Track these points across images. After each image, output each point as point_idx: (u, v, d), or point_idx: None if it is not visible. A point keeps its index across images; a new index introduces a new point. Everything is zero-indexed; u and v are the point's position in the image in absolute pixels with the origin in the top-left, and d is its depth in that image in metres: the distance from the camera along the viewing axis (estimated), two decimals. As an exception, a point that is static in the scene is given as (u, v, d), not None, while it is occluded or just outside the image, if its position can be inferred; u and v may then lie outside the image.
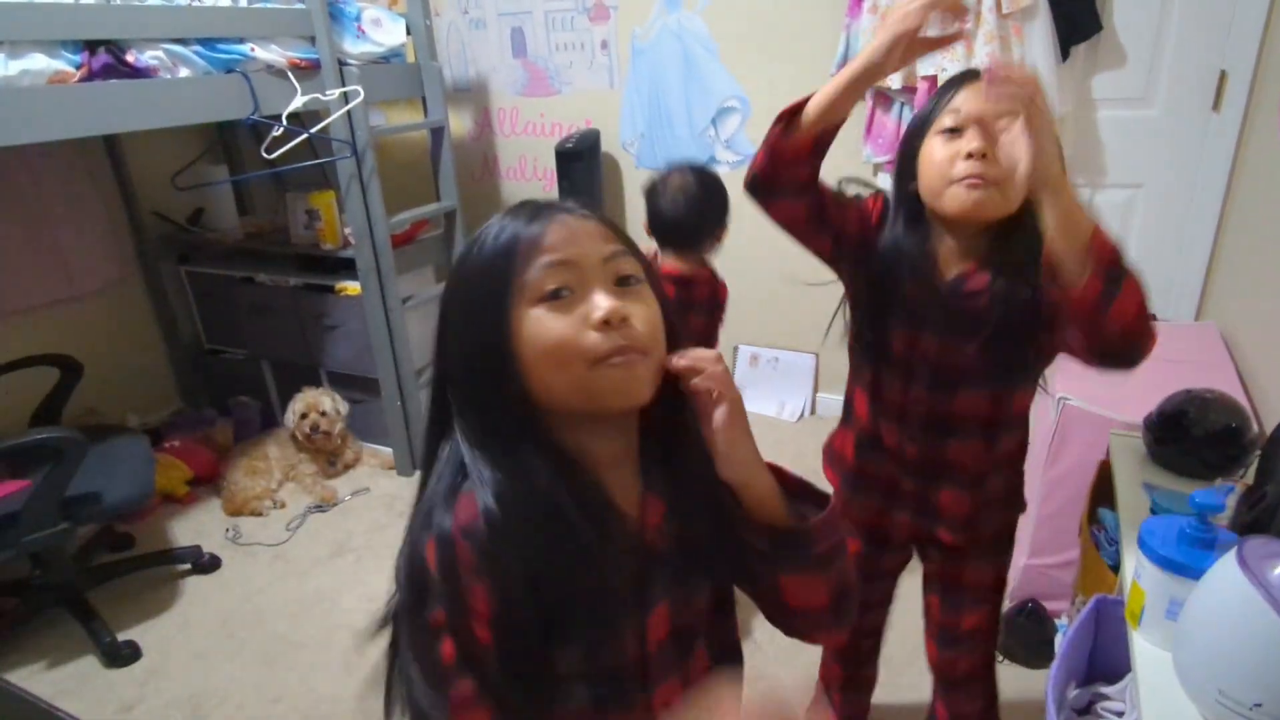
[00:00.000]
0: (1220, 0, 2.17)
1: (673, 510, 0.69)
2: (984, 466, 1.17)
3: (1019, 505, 1.27)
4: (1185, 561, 0.91)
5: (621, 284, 0.65)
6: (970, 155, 1.01)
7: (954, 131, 1.04)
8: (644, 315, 0.64)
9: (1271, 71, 2.07)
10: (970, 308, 1.07)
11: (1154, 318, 0.95)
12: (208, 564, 2.40)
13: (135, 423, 3.05)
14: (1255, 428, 1.32)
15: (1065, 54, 2.29)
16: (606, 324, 0.61)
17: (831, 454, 1.34)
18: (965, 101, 1.04)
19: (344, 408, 2.82)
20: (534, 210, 0.66)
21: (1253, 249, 2.06)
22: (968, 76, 1.07)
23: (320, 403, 2.77)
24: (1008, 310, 1.05)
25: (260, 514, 2.68)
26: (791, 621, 0.76)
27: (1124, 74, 2.33)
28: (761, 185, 1.07)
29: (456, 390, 0.67)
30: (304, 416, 2.76)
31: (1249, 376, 1.81)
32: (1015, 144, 0.90)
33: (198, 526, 2.63)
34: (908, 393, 1.16)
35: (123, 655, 2.04)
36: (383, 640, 0.70)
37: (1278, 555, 0.79)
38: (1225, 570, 0.82)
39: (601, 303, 0.62)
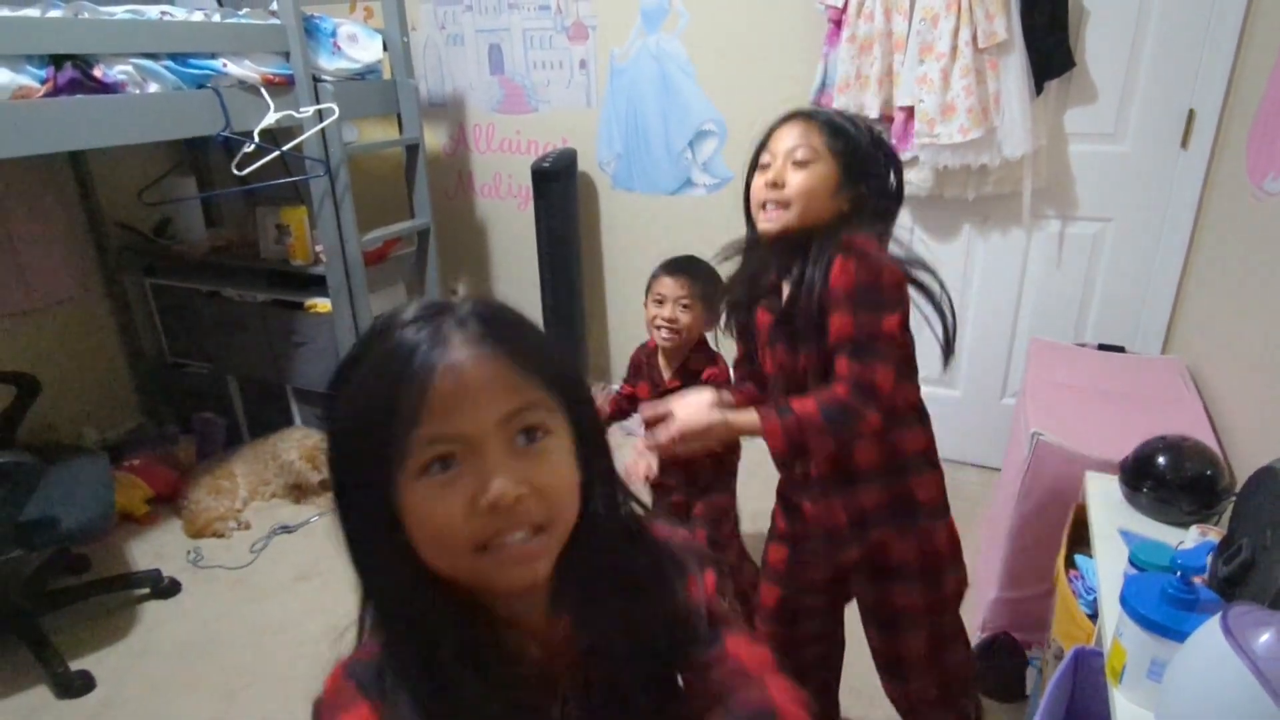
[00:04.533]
0: (1190, 41, 2.22)
1: (581, 624, 0.62)
2: (847, 473, 1.25)
3: (913, 516, 1.27)
4: (1168, 623, 0.92)
5: (527, 437, 0.56)
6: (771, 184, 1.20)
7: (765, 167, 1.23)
8: (547, 481, 0.56)
9: (1238, 111, 2.12)
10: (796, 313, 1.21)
11: None
12: (167, 588, 2.33)
13: (94, 438, 2.96)
14: (1227, 473, 1.34)
15: (1039, 88, 2.33)
16: (495, 508, 0.54)
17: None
18: (775, 141, 1.22)
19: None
20: (426, 338, 0.55)
21: (1218, 286, 2.10)
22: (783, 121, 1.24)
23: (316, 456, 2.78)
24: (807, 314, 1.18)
25: (223, 535, 2.60)
26: None
27: (1096, 110, 2.37)
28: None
29: (344, 527, 0.59)
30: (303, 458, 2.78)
31: (1216, 414, 1.84)
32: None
33: (157, 548, 2.56)
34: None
35: (75, 686, 1.97)
36: None
37: (1263, 624, 0.79)
38: (1209, 637, 0.82)
39: (494, 486, 0.54)
